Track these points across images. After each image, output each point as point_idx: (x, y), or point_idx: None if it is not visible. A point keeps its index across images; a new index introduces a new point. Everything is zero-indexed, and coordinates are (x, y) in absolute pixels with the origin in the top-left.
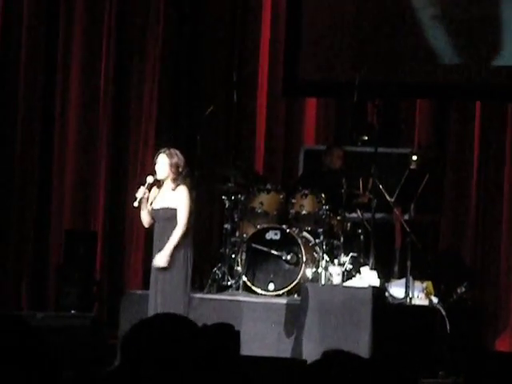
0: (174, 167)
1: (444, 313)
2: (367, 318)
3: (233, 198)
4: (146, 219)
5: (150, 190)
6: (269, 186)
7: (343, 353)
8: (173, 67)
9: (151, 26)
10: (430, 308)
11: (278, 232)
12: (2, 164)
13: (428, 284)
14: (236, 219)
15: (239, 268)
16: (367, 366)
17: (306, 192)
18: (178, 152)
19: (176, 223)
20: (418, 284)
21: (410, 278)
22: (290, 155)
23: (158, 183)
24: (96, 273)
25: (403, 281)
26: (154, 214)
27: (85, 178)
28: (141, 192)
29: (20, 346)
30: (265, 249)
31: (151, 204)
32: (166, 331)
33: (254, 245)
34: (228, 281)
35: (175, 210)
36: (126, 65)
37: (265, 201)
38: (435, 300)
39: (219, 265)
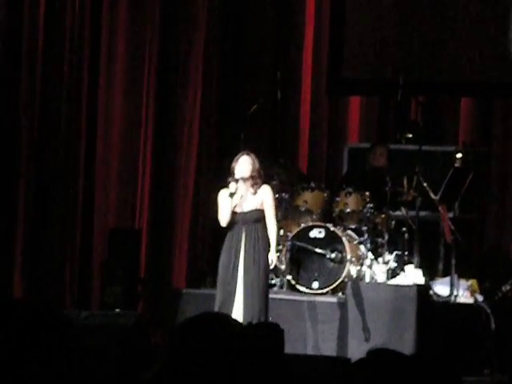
0: (257, 172)
1: (489, 311)
2: (412, 316)
3: (277, 196)
4: (227, 218)
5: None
6: (313, 185)
7: (388, 351)
8: (217, 66)
9: (196, 25)
10: (475, 306)
11: (323, 230)
12: (45, 163)
13: (473, 282)
14: (280, 217)
15: (283, 266)
16: (412, 365)
17: (350, 190)
18: (257, 158)
19: (263, 223)
20: (462, 282)
21: (455, 276)
22: (333, 153)
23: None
24: (140, 271)
25: (448, 279)
26: (241, 217)
27: (130, 176)
28: (233, 187)
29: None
30: (309, 247)
31: (234, 207)
32: (212, 330)
33: (298, 243)
34: (272, 279)
35: (262, 210)
36: (170, 65)
37: (309, 199)
38: (480, 298)
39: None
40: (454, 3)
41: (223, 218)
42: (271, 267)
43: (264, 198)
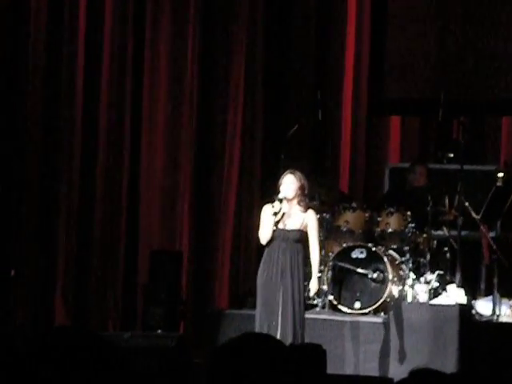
0: (302, 189)
1: None
2: (454, 335)
3: (318, 216)
4: (268, 236)
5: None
6: (354, 205)
7: (430, 371)
8: (257, 87)
9: (238, 44)
10: None
11: (364, 250)
12: (87, 186)
13: None
14: (321, 238)
15: (325, 287)
16: None
17: (392, 210)
18: (302, 175)
19: (302, 245)
20: (505, 301)
21: (497, 295)
22: (374, 173)
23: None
24: (182, 292)
25: (490, 298)
26: (282, 234)
27: (171, 199)
28: (277, 207)
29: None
30: (351, 267)
31: (277, 223)
32: (254, 351)
33: (339, 263)
34: (314, 299)
35: (303, 232)
36: (210, 87)
37: (350, 219)
38: None
39: (305, 283)
40: (495, 22)
41: (264, 236)
42: (311, 294)
43: (309, 222)
